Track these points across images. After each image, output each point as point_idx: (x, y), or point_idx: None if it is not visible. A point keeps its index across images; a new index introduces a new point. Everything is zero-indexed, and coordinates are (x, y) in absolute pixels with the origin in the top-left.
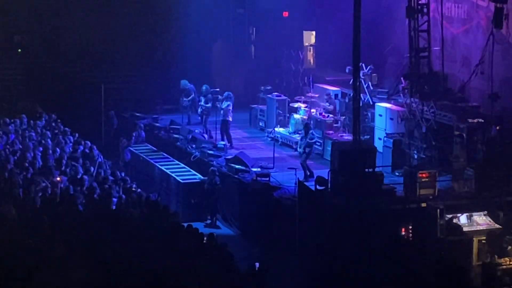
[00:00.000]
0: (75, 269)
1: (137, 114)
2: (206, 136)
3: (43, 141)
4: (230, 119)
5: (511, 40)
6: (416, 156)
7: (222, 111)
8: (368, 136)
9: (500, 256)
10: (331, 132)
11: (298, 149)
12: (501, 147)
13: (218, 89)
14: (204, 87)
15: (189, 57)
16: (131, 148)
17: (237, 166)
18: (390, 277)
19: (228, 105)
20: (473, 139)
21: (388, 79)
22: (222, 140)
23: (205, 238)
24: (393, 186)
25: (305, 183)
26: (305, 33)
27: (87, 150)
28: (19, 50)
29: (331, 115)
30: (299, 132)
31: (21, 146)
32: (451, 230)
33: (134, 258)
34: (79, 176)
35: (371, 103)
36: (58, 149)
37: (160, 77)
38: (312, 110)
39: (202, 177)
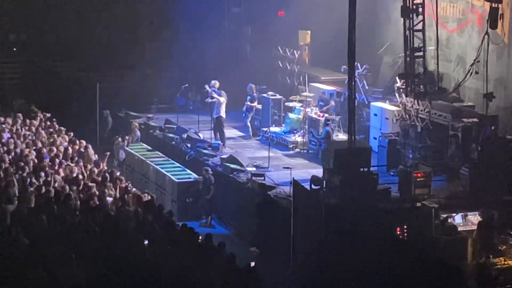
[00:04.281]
0: (69, 268)
1: (132, 113)
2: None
3: (38, 140)
4: (224, 115)
5: (506, 40)
6: (411, 156)
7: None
8: (363, 136)
9: (495, 255)
10: None
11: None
12: (496, 147)
13: None
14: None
15: (184, 56)
16: (126, 147)
17: (232, 166)
18: (385, 277)
19: (222, 102)
20: (468, 139)
21: (383, 79)
22: (216, 138)
23: (200, 238)
24: (388, 186)
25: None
26: (301, 32)
27: (82, 149)
28: (14, 49)
29: (326, 114)
30: (294, 131)
31: (16, 145)
32: (446, 229)
33: (129, 257)
34: (74, 175)
35: (366, 102)
36: (53, 148)
37: (155, 76)
38: (307, 109)
39: (197, 177)
